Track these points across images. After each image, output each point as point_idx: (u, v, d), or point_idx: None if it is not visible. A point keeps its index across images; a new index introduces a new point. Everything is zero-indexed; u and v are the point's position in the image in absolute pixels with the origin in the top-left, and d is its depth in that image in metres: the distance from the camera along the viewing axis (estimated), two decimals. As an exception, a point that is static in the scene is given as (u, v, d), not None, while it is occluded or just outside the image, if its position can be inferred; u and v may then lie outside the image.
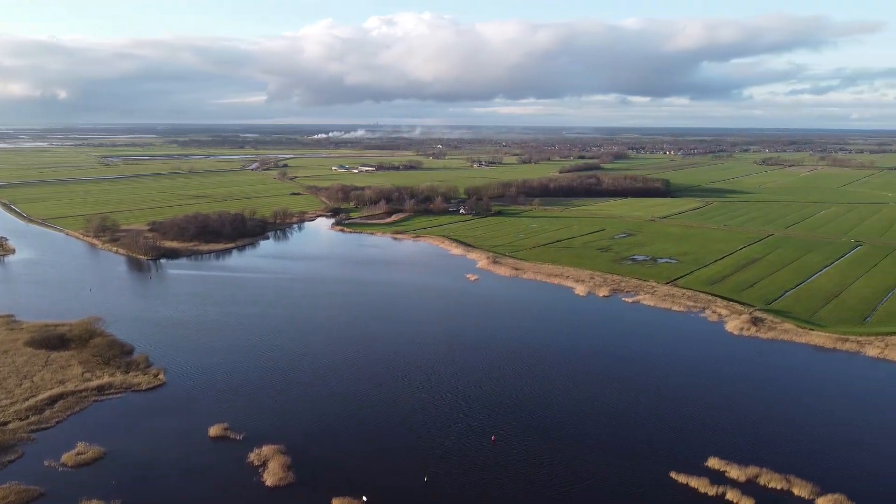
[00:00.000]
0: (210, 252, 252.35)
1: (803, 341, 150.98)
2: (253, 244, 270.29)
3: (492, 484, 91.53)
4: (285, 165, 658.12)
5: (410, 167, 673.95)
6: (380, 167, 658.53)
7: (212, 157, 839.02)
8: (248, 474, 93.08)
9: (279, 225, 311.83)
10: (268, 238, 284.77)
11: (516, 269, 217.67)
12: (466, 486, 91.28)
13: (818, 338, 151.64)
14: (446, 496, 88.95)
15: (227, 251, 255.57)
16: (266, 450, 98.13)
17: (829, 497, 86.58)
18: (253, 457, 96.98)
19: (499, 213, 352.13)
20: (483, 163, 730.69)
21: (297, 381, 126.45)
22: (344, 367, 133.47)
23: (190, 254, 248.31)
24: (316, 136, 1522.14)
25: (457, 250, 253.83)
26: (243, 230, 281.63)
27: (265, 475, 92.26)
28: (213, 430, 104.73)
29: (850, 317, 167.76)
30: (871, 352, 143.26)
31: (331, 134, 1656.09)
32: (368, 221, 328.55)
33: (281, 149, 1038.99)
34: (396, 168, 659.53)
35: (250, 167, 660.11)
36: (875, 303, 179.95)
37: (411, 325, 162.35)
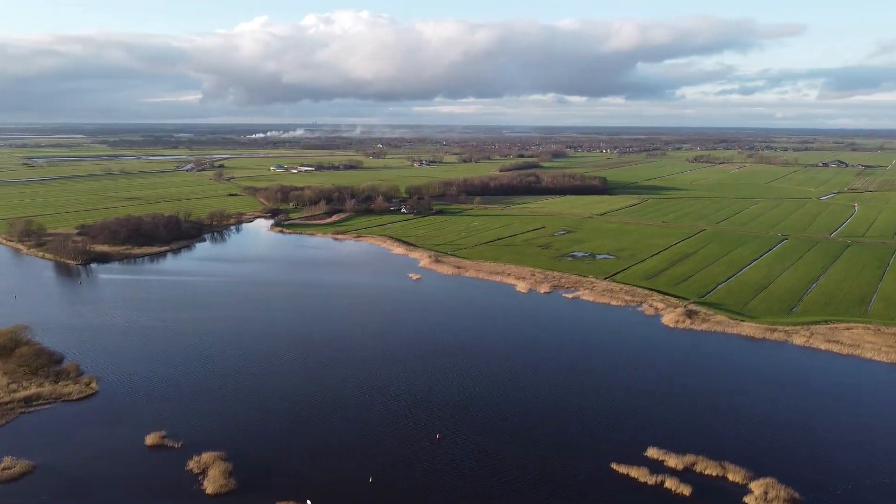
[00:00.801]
0: (143, 256, 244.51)
1: (735, 332, 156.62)
2: (189, 247, 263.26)
3: (438, 482, 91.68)
4: (221, 166, 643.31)
5: (351, 167, 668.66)
6: (319, 167, 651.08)
7: (144, 157, 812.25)
8: (188, 482, 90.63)
9: (216, 227, 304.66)
10: (204, 240, 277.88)
11: (459, 268, 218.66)
12: (412, 484, 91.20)
13: (749, 328, 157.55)
14: (392, 496, 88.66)
15: (162, 254, 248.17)
16: (206, 457, 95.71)
17: (762, 481, 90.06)
18: (192, 464, 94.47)
19: (440, 212, 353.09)
20: (424, 162, 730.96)
21: (238, 385, 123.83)
22: (286, 370, 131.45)
23: (122, 258, 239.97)
24: (253, 136, 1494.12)
25: (399, 250, 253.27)
26: (178, 233, 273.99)
27: (205, 483, 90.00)
28: (150, 439, 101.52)
29: (778, 307, 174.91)
30: (798, 340, 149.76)
31: (269, 133, 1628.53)
32: (308, 222, 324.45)
33: (217, 149, 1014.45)
34: (336, 168, 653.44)
35: (185, 168, 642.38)
36: (800, 293, 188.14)
37: (353, 326, 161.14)
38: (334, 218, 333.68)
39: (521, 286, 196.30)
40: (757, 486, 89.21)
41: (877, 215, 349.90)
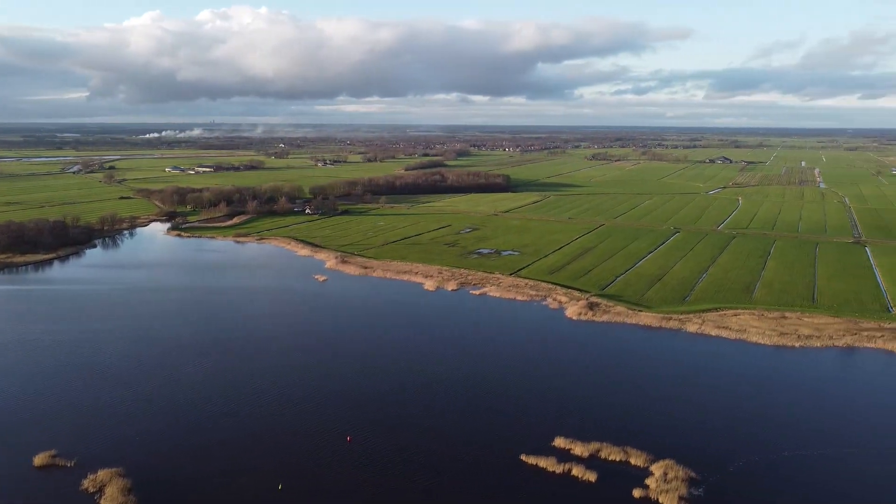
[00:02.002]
0: (27, 264, 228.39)
1: (633, 322, 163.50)
2: (78, 254, 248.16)
3: (350, 483, 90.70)
4: (112, 167, 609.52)
5: (252, 167, 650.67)
6: (218, 168, 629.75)
7: (25, 159, 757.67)
8: (83, 503, 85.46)
9: (108, 232, 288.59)
10: (95, 247, 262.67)
11: (365, 268, 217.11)
12: (323, 488, 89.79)
13: (646, 318, 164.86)
14: (303, 501, 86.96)
15: (48, 262, 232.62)
16: (102, 474, 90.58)
17: (662, 463, 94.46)
18: (87, 483, 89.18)
19: (346, 212, 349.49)
20: (328, 161, 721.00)
21: (136, 398, 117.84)
22: (186, 380, 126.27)
23: (2, 267, 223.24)
24: (147, 136, 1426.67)
25: (304, 251, 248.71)
26: (66, 239, 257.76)
27: (102, 501, 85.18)
28: (39, 459, 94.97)
29: (672, 297, 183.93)
30: (691, 328, 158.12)
31: (163, 133, 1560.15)
32: (208, 225, 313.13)
33: (106, 149, 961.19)
34: (237, 168, 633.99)
35: (71, 170, 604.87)
36: (692, 283, 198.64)
37: (258, 331, 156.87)
38: (235, 220, 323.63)
39: (429, 284, 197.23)
40: (657, 469, 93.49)
41: (758, 208, 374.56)
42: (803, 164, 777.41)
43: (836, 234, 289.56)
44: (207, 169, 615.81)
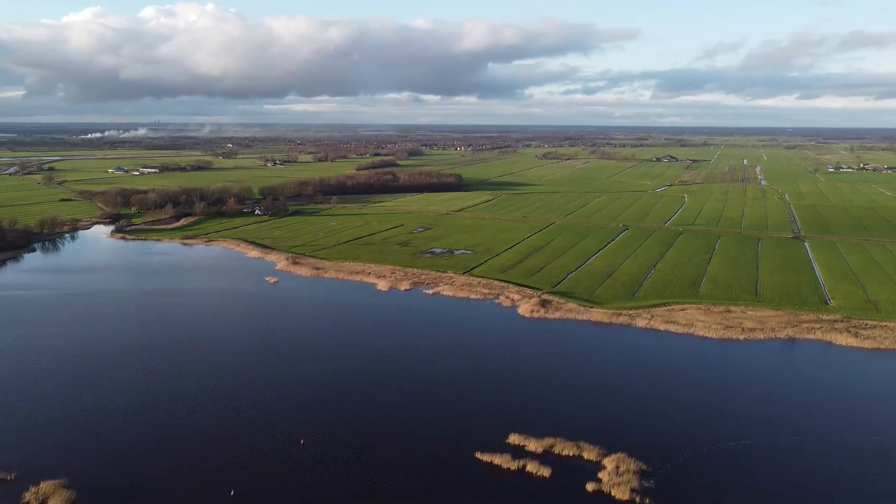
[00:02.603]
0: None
1: (585, 318, 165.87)
2: (15, 258, 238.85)
3: (305, 487, 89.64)
4: (52, 168, 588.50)
5: (199, 167, 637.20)
6: (164, 168, 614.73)
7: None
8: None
9: (48, 235, 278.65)
10: (34, 250, 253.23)
11: (317, 269, 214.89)
12: (278, 493, 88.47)
13: (597, 314, 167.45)
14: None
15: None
16: (45, 486, 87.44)
17: (614, 456, 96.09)
18: (29, 496, 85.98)
19: (296, 213, 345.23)
20: (278, 162, 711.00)
21: (80, 404, 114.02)
22: (133, 387, 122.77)
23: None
24: (89, 136, 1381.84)
25: (254, 253, 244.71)
26: (2, 243, 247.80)
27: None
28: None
29: (622, 293, 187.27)
30: (641, 323, 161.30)
31: (106, 133, 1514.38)
32: (154, 227, 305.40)
33: (45, 150, 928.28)
34: (183, 169, 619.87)
35: (7, 171, 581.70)
36: (641, 279, 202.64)
37: (207, 335, 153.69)
38: (182, 222, 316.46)
39: (382, 284, 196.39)
40: (609, 462, 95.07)
41: (703, 205, 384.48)
42: (745, 162, 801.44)
43: (776, 229, 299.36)
44: (153, 170, 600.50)
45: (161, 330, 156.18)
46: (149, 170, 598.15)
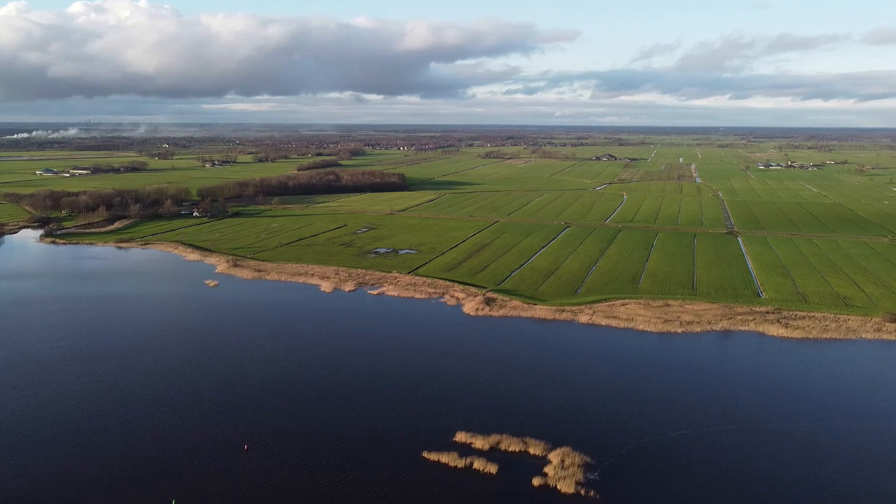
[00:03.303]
0: None
1: (529, 315, 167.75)
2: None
3: (248, 493, 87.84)
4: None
5: (134, 169, 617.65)
6: (97, 169, 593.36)
7: None
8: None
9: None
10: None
11: (259, 271, 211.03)
12: (221, 500, 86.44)
13: (540, 311, 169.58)
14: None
15: None
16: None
17: (559, 451, 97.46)
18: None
19: (237, 214, 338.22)
20: (216, 162, 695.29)
21: (8, 418, 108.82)
22: (66, 394, 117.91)
23: None
24: (14, 136, 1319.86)
25: (193, 255, 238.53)
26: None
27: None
28: None
29: (564, 290, 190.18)
30: (583, 318, 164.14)
31: (34, 133, 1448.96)
32: (87, 231, 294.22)
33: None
34: (117, 170, 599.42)
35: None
36: (583, 276, 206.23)
37: (143, 340, 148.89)
38: (117, 225, 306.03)
39: (326, 286, 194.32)
40: (555, 456, 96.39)
41: (641, 203, 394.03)
42: (681, 160, 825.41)
43: (711, 225, 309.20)
44: (84, 171, 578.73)
45: (96, 337, 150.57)
46: (80, 171, 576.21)
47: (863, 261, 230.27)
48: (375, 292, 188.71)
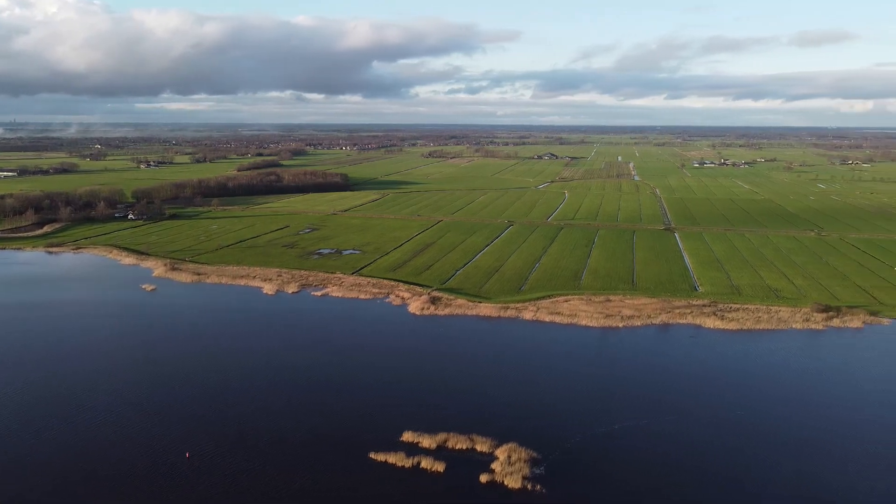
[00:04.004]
0: None
1: (474, 313, 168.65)
2: None
3: (192, 501, 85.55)
4: None
5: (64, 170, 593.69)
6: (24, 171, 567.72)
7: None
8: None
9: None
10: None
11: (199, 275, 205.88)
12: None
13: (485, 309, 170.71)
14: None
15: None
16: None
17: (506, 447, 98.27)
18: None
19: (174, 217, 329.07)
20: (152, 163, 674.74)
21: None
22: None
23: None
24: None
25: (128, 259, 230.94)
26: None
27: None
28: None
29: (509, 287, 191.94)
30: (527, 315, 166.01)
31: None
32: (13, 235, 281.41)
33: None
34: (45, 172, 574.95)
35: None
36: (526, 273, 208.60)
37: (79, 348, 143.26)
38: (46, 229, 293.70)
39: (269, 288, 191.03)
40: (501, 453, 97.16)
41: (582, 200, 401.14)
42: (620, 159, 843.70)
43: (649, 222, 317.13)
44: (10, 173, 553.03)
45: (23, 346, 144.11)
46: (5, 173, 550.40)
47: (792, 254, 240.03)
48: (319, 293, 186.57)
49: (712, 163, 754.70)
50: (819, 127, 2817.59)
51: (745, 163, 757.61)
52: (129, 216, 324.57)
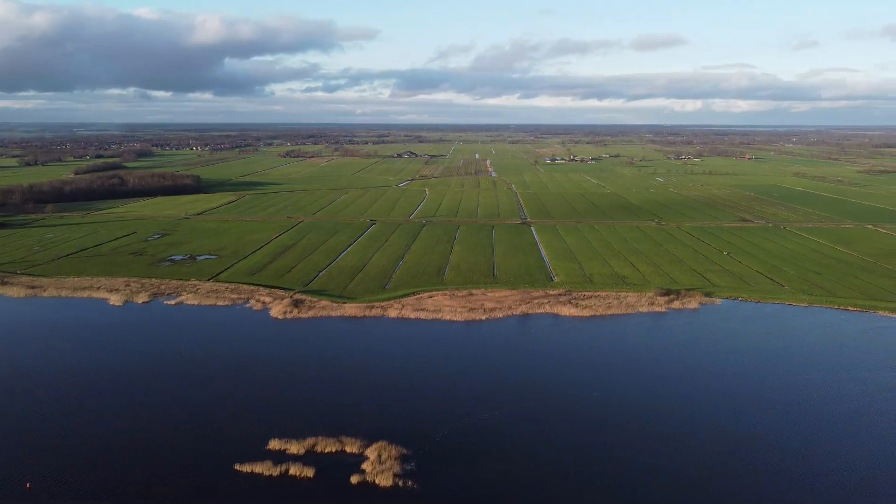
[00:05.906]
0: None
1: (339, 314, 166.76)
2: None
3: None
4: None
5: None
6: None
7: None
8: None
9: None
10: None
11: (33, 288, 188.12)
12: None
13: (350, 309, 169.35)
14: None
15: None
16: None
17: (375, 446, 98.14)
18: None
19: (2, 226, 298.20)
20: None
21: None
22: None
23: None
24: None
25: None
26: None
27: None
28: None
29: (373, 286, 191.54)
30: (392, 313, 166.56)
31: None
32: None
33: None
34: None
35: None
36: (390, 271, 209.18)
37: None
38: None
39: (115, 299, 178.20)
40: (372, 452, 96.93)
41: (443, 198, 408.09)
42: (477, 156, 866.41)
43: (507, 217, 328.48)
44: None
45: None
46: None
47: (636, 243, 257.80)
48: (173, 302, 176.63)
49: (563, 159, 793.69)
50: (655, 125, 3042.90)
51: (592, 159, 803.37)
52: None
